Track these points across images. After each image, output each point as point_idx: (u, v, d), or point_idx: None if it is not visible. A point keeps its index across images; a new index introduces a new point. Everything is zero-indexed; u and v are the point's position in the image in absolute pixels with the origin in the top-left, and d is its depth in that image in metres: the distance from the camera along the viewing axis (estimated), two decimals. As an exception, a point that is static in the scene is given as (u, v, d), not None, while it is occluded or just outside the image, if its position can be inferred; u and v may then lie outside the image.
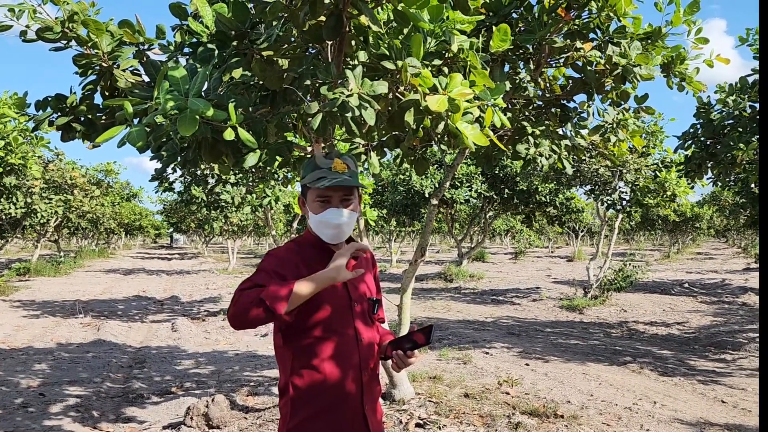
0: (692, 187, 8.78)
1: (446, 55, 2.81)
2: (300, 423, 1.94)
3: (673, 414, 5.27)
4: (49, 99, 3.42)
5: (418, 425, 4.60)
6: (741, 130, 6.93)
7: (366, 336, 2.04)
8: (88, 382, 6.41)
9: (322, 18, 2.66)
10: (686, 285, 16.68)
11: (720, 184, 8.18)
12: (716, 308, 12.47)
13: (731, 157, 6.98)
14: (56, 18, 3.08)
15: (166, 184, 9.55)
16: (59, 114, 3.40)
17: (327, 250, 2.01)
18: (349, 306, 2.00)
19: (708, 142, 7.40)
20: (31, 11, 3.03)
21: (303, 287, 1.80)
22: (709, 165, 7.51)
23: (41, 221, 20.03)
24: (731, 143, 6.82)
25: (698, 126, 7.40)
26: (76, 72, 3.22)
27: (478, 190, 16.70)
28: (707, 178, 8.02)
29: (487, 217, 19.25)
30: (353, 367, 1.98)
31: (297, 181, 9.34)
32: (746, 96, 6.89)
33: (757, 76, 6.85)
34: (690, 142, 7.52)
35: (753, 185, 8.15)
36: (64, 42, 3.10)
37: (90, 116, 3.42)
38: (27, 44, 3.18)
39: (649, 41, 3.99)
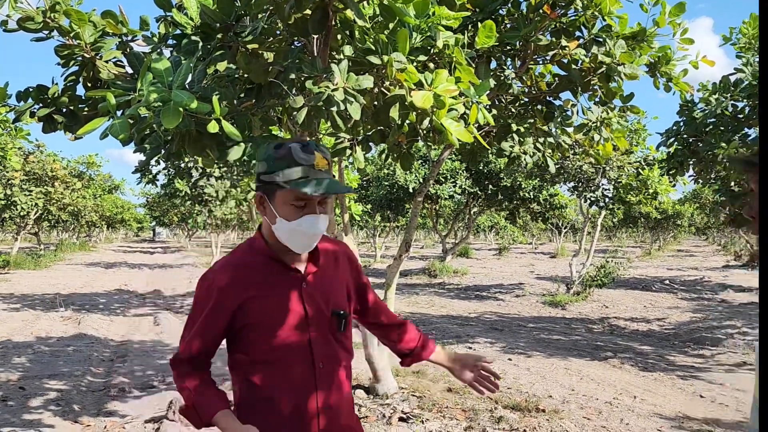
0: (674, 185, 8.86)
1: (432, 51, 2.81)
2: None
3: (653, 408, 5.34)
4: (31, 90, 3.37)
5: (401, 419, 4.62)
6: (723, 128, 7.02)
7: (328, 361, 1.74)
8: (68, 376, 6.34)
9: (308, 11, 2.65)
10: (667, 282, 16.89)
11: (701, 181, 8.27)
12: (696, 305, 12.64)
13: (712, 155, 7.06)
14: (38, 8, 3.04)
15: (149, 177, 9.48)
16: (40, 105, 3.35)
17: (283, 262, 1.72)
18: (305, 328, 1.70)
19: (690, 140, 7.48)
20: (11, 0, 2.99)
21: (221, 424, 1.64)
22: (691, 163, 7.59)
23: (21, 213, 19.81)
24: (713, 141, 6.91)
25: (681, 124, 7.48)
26: (58, 63, 3.18)
27: (463, 186, 16.74)
28: (688, 176, 8.12)
29: (472, 213, 19.31)
30: (308, 401, 1.70)
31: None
32: (728, 95, 6.97)
33: (739, 75, 6.93)
34: (672, 139, 7.60)
35: (732, 183, 8.25)
36: (46, 32, 3.06)
37: (72, 108, 3.38)
38: (8, 34, 3.14)
39: (635, 41, 4.02)
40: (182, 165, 9.78)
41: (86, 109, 3.40)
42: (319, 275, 1.75)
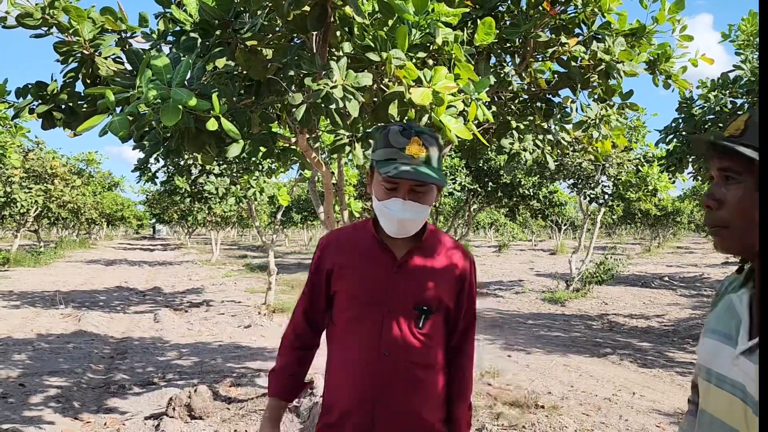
0: (673, 182, 8.87)
1: (431, 48, 2.81)
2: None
3: (651, 404, 5.35)
4: (30, 86, 3.37)
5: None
6: (722, 125, 7.02)
7: (398, 352, 1.69)
8: (69, 373, 6.35)
9: (307, 8, 2.65)
10: (666, 278, 16.90)
11: (700, 178, 8.27)
12: (695, 301, 12.65)
13: (712, 152, 7.06)
14: (37, 4, 3.03)
15: (149, 175, 9.46)
16: (40, 102, 3.35)
17: (381, 243, 1.73)
18: (381, 311, 1.69)
19: (689, 137, 7.48)
20: (10, -3, 2.98)
21: (266, 407, 1.83)
22: (690, 159, 7.60)
23: (21, 211, 19.80)
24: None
25: (680, 121, 7.48)
26: (57, 59, 3.18)
27: (462, 183, 16.73)
28: (687, 173, 8.12)
29: (471, 210, 19.32)
30: (365, 386, 1.69)
31: (282, 172, 9.31)
32: (727, 92, 6.97)
33: (738, 72, 6.93)
34: (671, 136, 7.60)
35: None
36: (45, 29, 3.06)
37: (71, 104, 3.37)
38: (7, 30, 3.13)
39: (634, 38, 4.01)
40: (182, 162, 9.78)
41: (85, 105, 3.40)
42: (414, 266, 1.72)
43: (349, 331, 1.71)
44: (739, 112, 6.92)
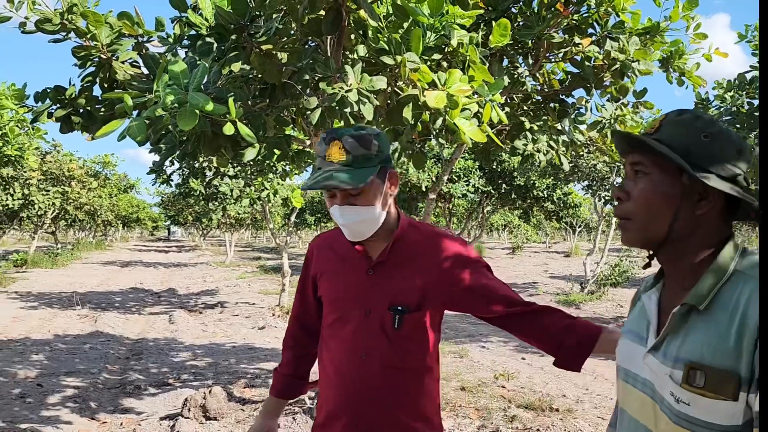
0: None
1: (446, 50, 2.81)
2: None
3: (668, 408, 5.31)
4: (48, 91, 3.41)
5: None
6: (738, 126, 6.95)
7: (375, 354, 1.67)
8: (85, 374, 6.42)
9: (322, 12, 2.66)
10: (682, 280, 16.76)
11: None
12: (712, 304, 12.52)
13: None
14: (55, 9, 3.08)
15: (164, 177, 9.54)
16: (58, 106, 3.39)
17: (360, 246, 1.72)
18: (357, 314, 1.69)
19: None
20: (30, 2, 3.03)
21: (264, 404, 1.96)
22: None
23: (38, 213, 20.03)
24: (728, 139, 6.84)
25: (696, 122, 7.41)
26: (75, 64, 3.22)
27: (476, 185, 16.67)
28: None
29: (485, 211, 19.25)
30: (345, 387, 1.70)
31: (296, 174, 9.35)
32: (744, 92, 6.90)
33: (755, 73, 6.86)
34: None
35: (749, 180, 8.17)
36: (63, 34, 3.10)
37: (89, 108, 3.41)
38: (26, 35, 3.18)
39: (648, 36, 3.99)
40: (196, 164, 9.85)
41: (103, 109, 3.44)
42: (390, 267, 1.68)
43: (333, 334, 1.73)
44: (756, 113, 6.85)
